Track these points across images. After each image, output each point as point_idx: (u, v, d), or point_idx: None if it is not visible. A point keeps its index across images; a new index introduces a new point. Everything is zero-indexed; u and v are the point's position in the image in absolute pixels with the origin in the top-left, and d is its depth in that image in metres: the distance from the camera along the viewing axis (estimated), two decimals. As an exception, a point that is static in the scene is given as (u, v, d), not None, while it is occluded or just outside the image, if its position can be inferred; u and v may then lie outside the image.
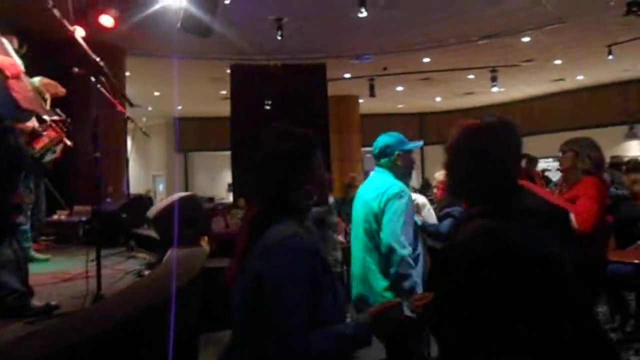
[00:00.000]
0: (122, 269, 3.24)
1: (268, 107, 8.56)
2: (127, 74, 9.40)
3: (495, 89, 10.38)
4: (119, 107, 3.79)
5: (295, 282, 1.18)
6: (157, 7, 5.23)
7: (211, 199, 13.66)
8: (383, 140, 2.51)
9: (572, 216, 2.43)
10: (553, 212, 1.15)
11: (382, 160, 2.48)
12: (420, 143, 2.76)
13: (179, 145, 15.28)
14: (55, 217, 5.00)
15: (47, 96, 2.64)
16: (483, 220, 1.15)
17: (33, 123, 3.24)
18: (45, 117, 2.03)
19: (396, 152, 2.42)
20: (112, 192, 7.14)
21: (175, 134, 14.88)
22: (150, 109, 13.50)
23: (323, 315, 1.21)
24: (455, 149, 1.28)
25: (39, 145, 3.26)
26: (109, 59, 7.83)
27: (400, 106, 14.06)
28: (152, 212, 3.48)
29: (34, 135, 3.19)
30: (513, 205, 1.18)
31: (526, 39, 8.28)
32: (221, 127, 10.73)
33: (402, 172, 2.44)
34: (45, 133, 3.31)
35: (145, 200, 4.82)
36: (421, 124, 15.21)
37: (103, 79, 3.69)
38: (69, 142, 3.66)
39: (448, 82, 11.22)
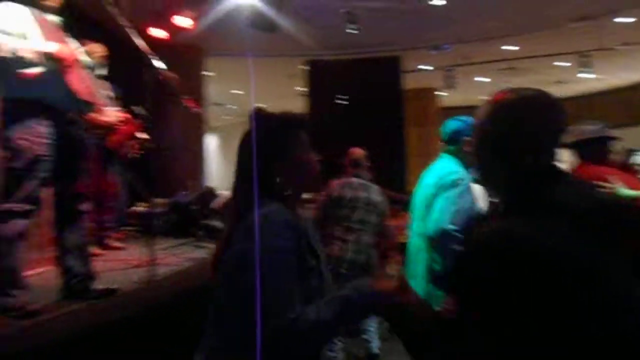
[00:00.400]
0: (188, 257, 3.36)
1: (342, 102, 8.53)
2: (208, 73, 9.81)
3: (587, 76, 9.52)
4: (191, 105, 3.93)
5: (282, 253, 1.14)
6: (230, 6, 5.35)
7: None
8: (451, 125, 2.35)
9: None
10: (599, 207, 0.91)
11: (450, 147, 2.33)
12: None
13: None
14: (135, 208, 5.30)
15: (97, 60, 2.76)
16: (501, 222, 0.99)
17: (109, 118, 3.42)
18: (102, 92, 2.10)
19: (464, 138, 2.26)
20: (191, 186, 7.49)
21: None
22: (234, 107, 14.02)
23: (308, 297, 1.16)
24: (479, 130, 1.11)
25: (115, 139, 3.45)
26: (187, 59, 8.29)
27: (484, 98, 13.39)
28: (215, 204, 3.57)
29: (110, 129, 3.37)
30: (541, 198, 0.98)
31: (624, 20, 7.53)
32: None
33: (471, 160, 2.26)
34: (121, 127, 3.49)
35: (215, 193, 4.98)
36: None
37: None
38: (146, 137, 3.83)
39: (535, 70, 10.52)
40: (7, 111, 2.00)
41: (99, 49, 2.97)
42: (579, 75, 9.60)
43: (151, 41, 5.82)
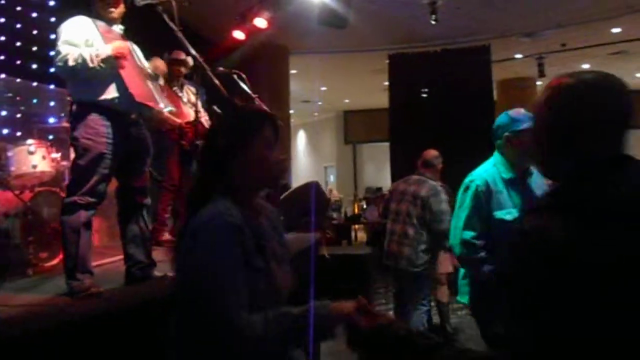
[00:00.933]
0: None
1: (425, 95, 8.31)
2: (293, 71, 10.06)
3: None
4: (259, 102, 4.08)
5: (223, 260, 1.13)
6: (304, 3, 5.43)
7: (379, 189, 13.94)
8: (497, 120, 2.23)
9: None
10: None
11: (496, 143, 2.21)
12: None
13: (347, 137, 15.81)
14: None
15: (161, 78, 2.91)
16: (538, 217, 0.91)
17: (181, 119, 3.65)
18: (161, 106, 2.26)
19: (505, 134, 2.11)
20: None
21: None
22: (320, 103, 14.25)
23: (251, 299, 1.14)
24: (536, 118, 1.04)
25: (189, 138, 3.66)
26: (273, 58, 8.53)
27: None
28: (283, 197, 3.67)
29: (182, 130, 3.60)
30: (592, 194, 0.89)
31: None
32: (387, 118, 10.81)
33: (516, 156, 2.11)
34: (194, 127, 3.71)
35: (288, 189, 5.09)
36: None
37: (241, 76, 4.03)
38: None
39: (649, 54, 9.46)
40: (75, 113, 2.22)
41: (160, 64, 3.16)
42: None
43: (234, 43, 6.14)
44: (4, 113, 3.88)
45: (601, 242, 0.82)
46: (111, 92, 2.20)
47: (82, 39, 2.20)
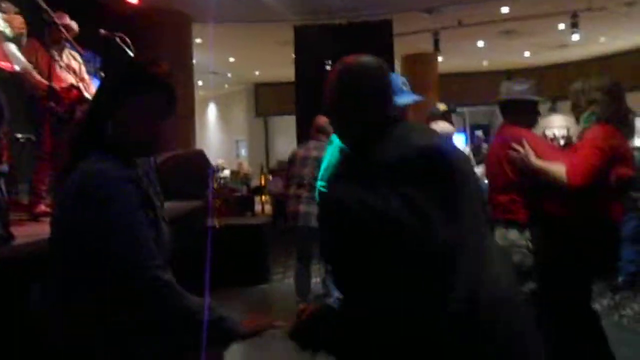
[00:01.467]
0: None
1: (328, 68, 8.39)
2: (198, 40, 9.70)
3: (576, 38, 9.04)
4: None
5: (129, 213, 1.11)
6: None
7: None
8: None
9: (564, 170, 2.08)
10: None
11: None
12: (416, 97, 2.28)
13: (258, 110, 15.65)
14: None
15: (16, 31, 2.66)
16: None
17: (56, 83, 3.39)
18: (16, 68, 2.07)
19: None
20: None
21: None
22: (229, 75, 13.93)
23: None
24: (330, 90, 1.26)
25: (61, 105, 3.42)
26: (175, 26, 8.17)
27: (485, 63, 13.10)
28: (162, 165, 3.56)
29: (56, 95, 3.35)
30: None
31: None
32: (296, 91, 10.83)
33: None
34: (71, 93, 3.47)
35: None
36: (509, 83, 14.09)
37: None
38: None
39: (535, 34, 10.19)
40: None
41: (17, 20, 2.89)
42: (585, 39, 9.25)
43: (127, 7, 5.78)
44: None
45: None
46: None
47: None
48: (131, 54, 3.95)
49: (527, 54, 12.04)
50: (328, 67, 8.48)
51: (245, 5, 8.05)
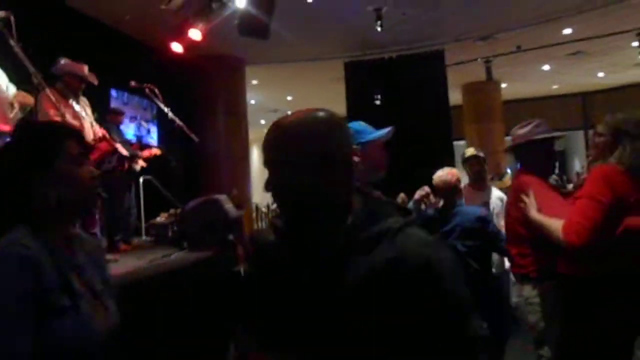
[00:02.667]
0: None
1: (378, 103, 8.26)
2: (254, 82, 10.00)
3: None
4: (172, 117, 4.02)
5: (3, 297, 1.01)
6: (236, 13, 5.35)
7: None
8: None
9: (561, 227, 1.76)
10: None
11: None
12: (385, 130, 2.05)
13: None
14: (158, 219, 5.50)
15: (16, 106, 2.74)
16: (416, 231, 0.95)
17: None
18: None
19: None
20: (235, 195, 7.64)
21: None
22: (289, 112, 14.14)
23: (58, 340, 1.05)
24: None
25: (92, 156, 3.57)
26: (230, 69, 8.48)
27: (555, 87, 12.32)
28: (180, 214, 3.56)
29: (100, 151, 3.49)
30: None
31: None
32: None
33: (365, 170, 1.96)
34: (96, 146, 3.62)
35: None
36: (584, 105, 13.13)
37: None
38: (125, 152, 3.95)
39: (606, 53, 9.44)
40: None
41: (29, 99, 2.99)
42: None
43: (173, 56, 6.06)
44: None
45: None
46: None
47: None
48: (160, 104, 4.09)
49: (601, 74, 11.18)
50: (378, 102, 8.37)
51: (296, 46, 8.18)
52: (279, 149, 0.95)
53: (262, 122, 15.01)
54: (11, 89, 2.49)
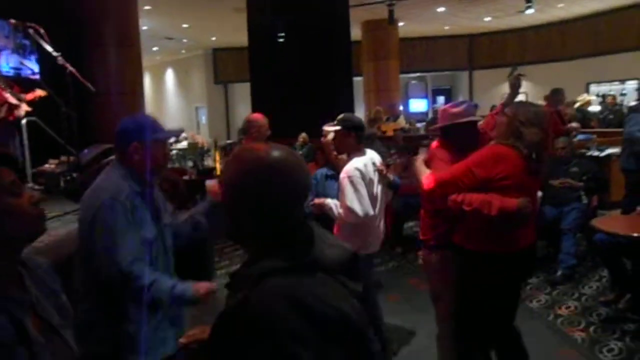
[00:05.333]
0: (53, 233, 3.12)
1: (281, 40, 8.08)
2: (147, 7, 9.16)
3: (530, 12, 8.84)
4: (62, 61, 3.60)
5: None
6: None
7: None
8: (121, 124, 1.80)
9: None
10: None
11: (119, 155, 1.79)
12: (173, 133, 1.96)
13: (218, 77, 15.12)
14: (47, 166, 5.04)
15: None
16: (276, 280, 0.91)
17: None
18: None
19: (133, 143, 1.71)
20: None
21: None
22: (185, 40, 13.32)
23: None
24: (232, 187, 1.00)
25: None
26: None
27: (447, 28, 12.87)
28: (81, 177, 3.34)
29: None
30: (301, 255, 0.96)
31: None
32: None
33: (143, 170, 1.75)
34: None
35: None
36: (471, 47, 13.94)
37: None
38: (14, 101, 3.52)
39: (496, 1, 9.99)
40: None
41: None
42: (543, 4, 9.05)
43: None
44: None
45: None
46: None
47: None
48: (49, 48, 3.62)
49: (487, 18, 11.86)
50: (281, 40, 8.18)
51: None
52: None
53: (155, 49, 13.95)
54: None
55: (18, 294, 1.06)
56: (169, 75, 16.83)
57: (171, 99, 16.81)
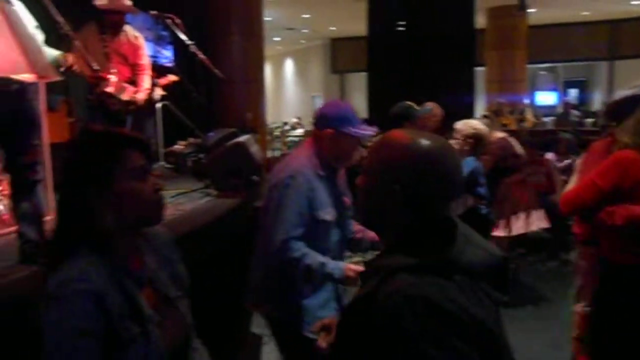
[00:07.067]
0: (181, 207, 3.34)
1: (402, 26, 7.91)
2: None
3: None
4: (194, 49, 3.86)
5: (69, 335, 0.98)
6: None
7: (366, 120, 13.74)
8: (324, 108, 1.92)
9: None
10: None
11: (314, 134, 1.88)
12: (369, 132, 1.85)
13: (335, 66, 15.32)
14: (176, 146, 5.48)
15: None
16: (407, 278, 0.87)
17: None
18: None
19: (328, 129, 1.78)
20: (250, 119, 7.54)
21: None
22: (305, 30, 13.66)
23: None
24: (378, 175, 0.97)
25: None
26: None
27: (585, 13, 11.69)
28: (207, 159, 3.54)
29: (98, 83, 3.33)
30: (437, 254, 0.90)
31: None
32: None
33: (330, 157, 1.83)
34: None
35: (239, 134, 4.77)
36: (612, 34, 12.53)
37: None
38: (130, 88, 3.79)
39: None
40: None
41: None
42: None
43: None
44: None
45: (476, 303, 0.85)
46: None
47: None
48: (183, 37, 3.89)
49: (635, 1, 10.54)
50: (402, 28, 8.02)
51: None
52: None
53: (276, 39, 14.52)
54: (39, 36, 2.35)
55: (136, 270, 1.11)
56: (289, 65, 17.42)
57: (289, 87, 17.40)
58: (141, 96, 3.63)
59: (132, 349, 1.04)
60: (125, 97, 3.52)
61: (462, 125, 2.93)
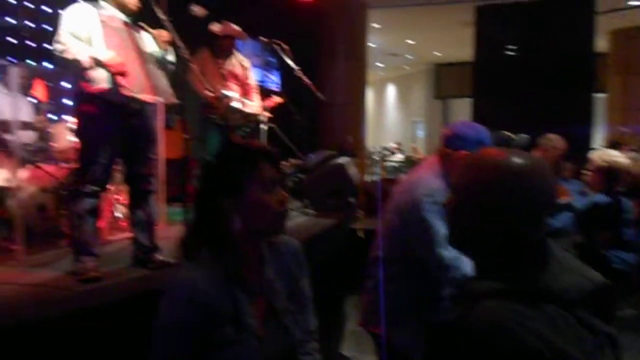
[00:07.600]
0: None
1: (513, 52, 7.57)
2: (376, 25, 9.63)
3: None
4: (300, 74, 4.00)
5: (165, 332, 1.07)
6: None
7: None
8: (459, 128, 1.82)
9: None
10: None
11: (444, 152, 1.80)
12: None
13: (438, 92, 15.04)
14: (278, 167, 5.66)
15: (162, 45, 2.62)
16: (491, 302, 0.84)
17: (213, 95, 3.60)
18: (158, 98, 2.27)
19: (463, 151, 1.70)
20: (351, 142, 7.60)
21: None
22: (409, 56, 13.61)
23: None
24: (470, 195, 0.94)
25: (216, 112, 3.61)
26: (350, 13, 8.26)
27: None
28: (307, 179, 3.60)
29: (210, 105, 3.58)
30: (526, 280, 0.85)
31: None
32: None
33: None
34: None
35: (334, 158, 4.82)
36: None
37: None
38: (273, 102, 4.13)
39: None
40: (75, 103, 2.32)
41: (164, 34, 2.91)
42: None
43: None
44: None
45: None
46: (104, 84, 2.23)
47: (84, 33, 2.23)
48: (289, 61, 4.05)
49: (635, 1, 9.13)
50: (512, 53, 7.69)
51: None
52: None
53: (379, 64, 14.62)
54: (170, 56, 2.57)
55: (251, 279, 1.15)
56: (390, 90, 17.43)
57: (391, 113, 17.37)
58: (257, 110, 3.94)
59: (225, 353, 1.08)
60: (247, 109, 3.82)
61: (596, 156, 2.69)
